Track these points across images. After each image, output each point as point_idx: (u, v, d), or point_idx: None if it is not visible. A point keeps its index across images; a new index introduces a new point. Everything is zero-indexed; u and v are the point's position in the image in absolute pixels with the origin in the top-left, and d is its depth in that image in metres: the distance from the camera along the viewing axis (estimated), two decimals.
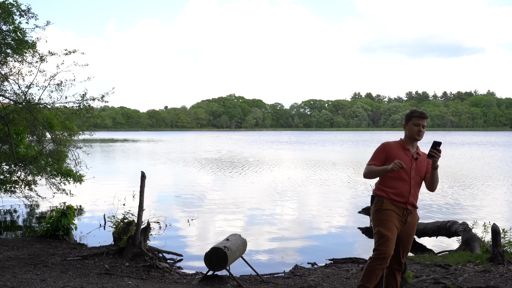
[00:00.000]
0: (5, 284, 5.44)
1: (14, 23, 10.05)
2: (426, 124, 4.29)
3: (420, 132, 4.27)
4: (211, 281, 6.14)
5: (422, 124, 4.27)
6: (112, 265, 6.64)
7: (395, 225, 4.24)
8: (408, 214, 4.29)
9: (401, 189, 4.26)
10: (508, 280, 5.81)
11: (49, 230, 8.66)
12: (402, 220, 4.27)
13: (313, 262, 7.83)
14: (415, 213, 4.37)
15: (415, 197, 4.33)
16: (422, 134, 4.29)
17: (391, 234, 4.18)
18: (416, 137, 4.30)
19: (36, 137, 11.23)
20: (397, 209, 4.27)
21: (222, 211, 12.73)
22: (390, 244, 4.16)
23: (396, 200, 4.27)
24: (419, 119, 4.26)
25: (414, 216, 4.35)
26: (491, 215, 11.68)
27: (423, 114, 4.27)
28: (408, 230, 4.32)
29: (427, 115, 4.29)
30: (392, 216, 4.24)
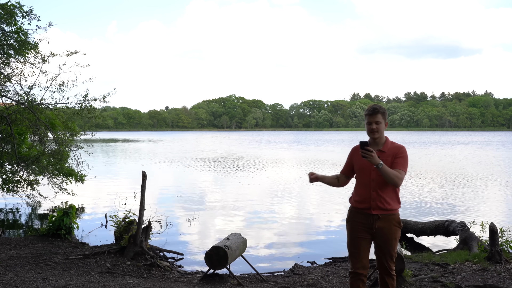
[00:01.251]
0: (7, 282, 5.44)
1: (17, 24, 10.05)
2: (380, 119, 3.94)
3: (373, 130, 3.95)
4: (211, 279, 6.14)
5: (374, 120, 3.94)
6: (114, 264, 6.64)
7: (362, 236, 4.00)
8: (375, 220, 3.94)
9: (363, 195, 4.00)
10: (506, 279, 5.81)
11: (51, 229, 8.66)
12: (369, 228, 3.97)
13: (313, 261, 7.83)
14: (388, 217, 3.95)
15: (381, 200, 3.92)
16: (377, 131, 3.95)
17: (355, 248, 4.04)
18: (371, 136, 4.00)
19: (38, 137, 11.22)
20: (362, 217, 4.00)
21: (223, 210, 12.73)
22: (356, 259, 4.03)
23: (360, 208, 4.03)
24: (369, 117, 3.96)
25: (387, 220, 3.95)
26: (489, 215, 11.68)
27: (373, 110, 3.96)
28: (383, 236, 3.95)
29: (378, 110, 3.95)
30: (356, 228, 4.05)
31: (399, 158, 3.93)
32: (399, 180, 3.86)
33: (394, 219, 3.98)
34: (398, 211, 4.03)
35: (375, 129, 3.96)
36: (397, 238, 4.02)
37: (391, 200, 3.96)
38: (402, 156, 3.94)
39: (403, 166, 3.91)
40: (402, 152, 3.95)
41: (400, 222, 4.04)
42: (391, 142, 4.05)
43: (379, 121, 3.96)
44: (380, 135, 3.99)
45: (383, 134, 4.01)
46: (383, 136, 4.02)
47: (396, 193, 4.01)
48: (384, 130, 4.03)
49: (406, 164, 3.93)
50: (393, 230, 3.97)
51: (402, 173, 3.89)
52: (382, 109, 4.00)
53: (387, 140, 4.04)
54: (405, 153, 3.96)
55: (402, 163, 3.92)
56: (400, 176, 3.87)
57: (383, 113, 3.99)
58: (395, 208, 3.98)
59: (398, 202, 4.03)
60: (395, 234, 3.98)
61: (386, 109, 4.10)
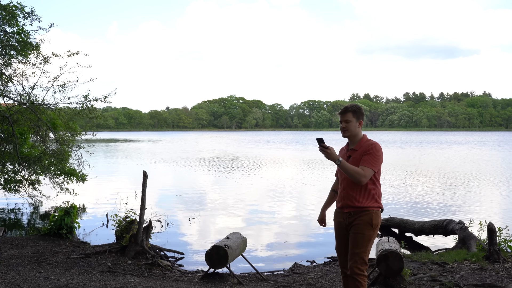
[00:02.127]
0: (9, 281, 5.44)
1: (18, 25, 10.04)
2: (351, 118, 3.95)
3: (342, 128, 3.99)
4: (212, 278, 6.14)
5: (344, 119, 3.97)
6: (115, 263, 6.64)
7: (341, 235, 4.04)
8: (346, 218, 3.95)
9: (339, 194, 4.07)
10: (504, 278, 5.81)
11: (53, 228, 8.66)
12: (345, 226, 3.98)
13: (312, 260, 7.83)
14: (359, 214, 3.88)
15: (350, 198, 3.91)
16: (346, 130, 3.97)
17: (337, 247, 4.09)
18: (342, 134, 4.03)
19: (39, 137, 11.22)
20: (340, 216, 4.03)
21: (223, 210, 12.74)
22: (340, 258, 4.09)
23: (337, 207, 4.09)
24: (340, 116, 4.01)
25: (357, 218, 3.88)
26: (487, 214, 11.68)
27: (344, 109, 4.01)
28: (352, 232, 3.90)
29: (348, 109, 3.98)
30: (336, 227, 4.09)
31: (367, 155, 3.89)
32: (361, 176, 3.80)
33: (366, 216, 3.86)
34: (373, 210, 3.89)
35: (344, 127, 4.00)
36: (366, 235, 3.85)
37: (362, 198, 3.89)
38: (370, 153, 3.89)
39: (368, 163, 3.85)
40: (371, 149, 3.90)
41: (374, 222, 3.87)
42: (366, 140, 4.01)
43: (349, 120, 3.97)
44: (350, 134, 4.00)
45: (354, 133, 4.00)
46: (355, 135, 4.01)
47: (369, 191, 3.90)
48: (358, 128, 4.00)
49: (373, 161, 3.86)
50: (360, 225, 3.86)
51: (366, 170, 3.82)
52: (354, 108, 4.00)
53: (362, 139, 4.02)
54: (374, 150, 3.90)
55: (368, 160, 3.86)
56: (362, 173, 3.80)
57: (354, 111, 3.98)
58: (366, 206, 3.87)
59: (374, 201, 3.91)
60: (363, 231, 3.85)
61: (361, 108, 4.05)
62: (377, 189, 3.95)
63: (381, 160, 3.93)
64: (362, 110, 4.06)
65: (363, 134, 4.07)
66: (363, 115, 4.06)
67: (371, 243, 3.93)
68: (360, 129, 4.04)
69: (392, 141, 61.74)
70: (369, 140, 4.02)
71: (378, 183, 3.99)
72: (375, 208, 3.91)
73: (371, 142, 3.99)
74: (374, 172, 3.88)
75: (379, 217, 3.94)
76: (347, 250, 3.98)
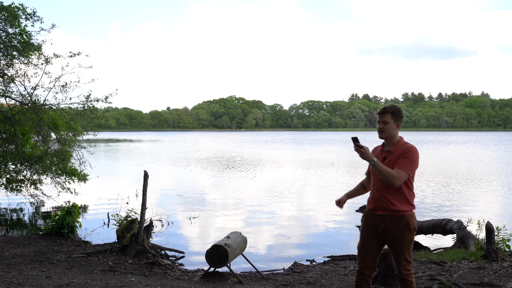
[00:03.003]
0: (11, 280, 5.44)
1: (20, 26, 10.05)
2: (389, 119, 3.90)
3: (379, 129, 3.97)
4: (212, 277, 6.14)
5: (382, 120, 3.93)
6: (116, 262, 6.64)
7: (369, 236, 3.94)
8: (380, 221, 3.85)
9: (371, 195, 3.97)
10: (502, 277, 5.81)
11: (54, 228, 8.66)
12: (376, 228, 3.89)
13: (312, 259, 7.82)
14: (396, 219, 3.82)
15: (385, 201, 3.83)
16: (383, 131, 3.94)
17: (362, 247, 3.99)
18: (379, 135, 3.99)
19: (41, 137, 11.22)
20: (371, 218, 3.94)
21: (223, 209, 12.73)
22: (361, 258, 4.00)
23: (369, 208, 3.99)
24: (379, 116, 3.97)
25: (394, 222, 3.81)
26: (485, 213, 11.68)
27: (383, 110, 3.95)
28: (390, 239, 3.84)
29: (387, 110, 3.93)
30: (364, 227, 4.00)
31: (403, 157, 3.83)
32: (395, 179, 3.74)
33: (403, 221, 3.81)
34: (408, 213, 3.84)
35: (381, 128, 3.95)
36: (407, 240, 3.82)
37: (397, 201, 3.82)
38: (407, 156, 3.82)
39: (403, 166, 3.79)
40: (407, 152, 3.84)
41: (412, 225, 3.82)
42: (404, 143, 3.95)
43: (386, 121, 3.92)
44: (387, 135, 3.94)
45: (391, 135, 3.94)
46: (392, 136, 3.96)
47: (404, 194, 3.84)
48: (396, 130, 3.95)
49: (409, 165, 3.80)
50: (399, 232, 3.81)
51: (401, 173, 3.76)
52: (393, 109, 3.93)
53: (399, 141, 3.97)
54: (410, 154, 3.83)
55: (404, 163, 3.80)
56: (396, 176, 3.74)
57: (393, 113, 3.92)
58: (402, 210, 3.82)
59: (409, 204, 3.85)
60: (403, 236, 3.81)
61: (400, 110, 3.98)
62: (410, 192, 3.89)
63: (417, 164, 3.87)
64: (401, 112, 4.01)
65: (400, 137, 4.01)
66: (402, 117, 4.00)
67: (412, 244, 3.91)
68: (397, 131, 3.99)
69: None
70: (406, 143, 3.97)
71: (412, 186, 3.93)
72: (410, 211, 3.86)
73: (408, 145, 3.93)
74: (409, 175, 3.82)
75: (415, 219, 3.90)
76: (371, 251, 3.95)
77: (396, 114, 3.93)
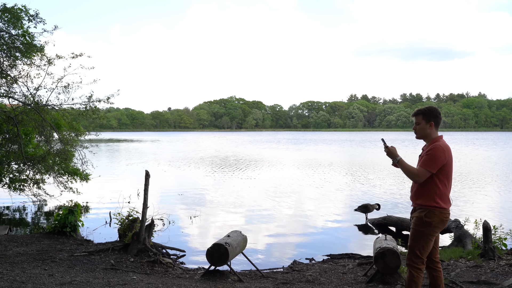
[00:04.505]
0: (14, 278, 5.44)
1: (23, 27, 10.05)
2: (420, 120, 4.13)
3: (414, 129, 4.23)
4: (212, 276, 6.14)
5: (415, 121, 4.19)
6: (118, 261, 6.64)
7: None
8: (411, 210, 4.19)
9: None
10: (499, 275, 5.81)
11: (57, 227, 8.66)
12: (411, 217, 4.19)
13: (311, 258, 7.82)
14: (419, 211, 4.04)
15: (414, 194, 4.10)
16: (416, 132, 4.18)
17: None
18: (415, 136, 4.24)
19: (44, 137, 11.22)
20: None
21: (223, 208, 12.74)
22: None
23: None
24: (413, 118, 4.22)
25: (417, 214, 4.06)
26: (483, 212, 11.68)
27: (415, 112, 4.21)
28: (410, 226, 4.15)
29: (418, 112, 4.17)
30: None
31: (426, 155, 4.03)
32: (414, 176, 3.99)
33: (423, 214, 3.98)
34: (428, 208, 3.96)
35: (414, 129, 4.22)
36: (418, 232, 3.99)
37: (420, 195, 4.03)
38: (429, 153, 4.00)
39: (424, 163, 3.98)
40: (430, 150, 4.02)
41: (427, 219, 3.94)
42: (435, 140, 4.08)
43: (418, 122, 4.14)
44: (420, 135, 4.17)
45: (424, 134, 4.14)
46: (425, 136, 4.14)
47: (428, 189, 3.98)
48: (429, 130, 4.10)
49: (429, 162, 3.96)
50: (414, 222, 4.04)
51: (420, 170, 3.98)
52: (423, 110, 4.14)
53: (433, 140, 4.10)
54: (432, 151, 3.98)
55: (425, 161, 4.00)
56: (415, 173, 3.98)
57: (424, 114, 4.12)
58: (423, 204, 4.00)
59: (432, 200, 3.96)
60: (416, 226, 4.02)
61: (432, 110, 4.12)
62: (437, 189, 3.98)
63: (439, 161, 3.95)
64: (434, 112, 4.12)
65: (437, 135, 4.13)
66: (436, 117, 4.11)
67: (426, 239, 3.99)
68: (432, 130, 4.11)
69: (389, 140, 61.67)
70: (436, 141, 4.07)
71: (442, 183, 3.99)
72: (431, 207, 3.96)
73: (434, 143, 4.06)
74: (430, 172, 3.95)
75: (435, 216, 3.96)
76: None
77: (427, 115, 4.13)
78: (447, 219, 4.02)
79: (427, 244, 4.00)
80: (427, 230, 3.97)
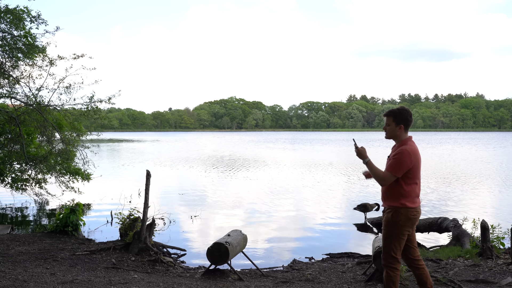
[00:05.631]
0: (16, 277, 5.44)
1: (25, 28, 10.05)
2: (390, 122, 4.10)
3: (384, 130, 4.23)
4: (213, 274, 6.14)
5: (386, 122, 4.18)
6: (119, 260, 6.64)
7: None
8: (383, 211, 4.21)
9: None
10: (497, 274, 5.81)
11: (59, 226, 8.66)
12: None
13: (311, 257, 7.82)
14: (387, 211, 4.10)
15: (384, 195, 4.13)
16: (386, 132, 4.20)
17: None
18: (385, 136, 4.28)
19: (46, 137, 11.23)
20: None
21: (224, 208, 12.73)
22: None
23: None
24: (385, 118, 4.20)
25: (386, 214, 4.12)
26: (481, 212, 11.68)
27: (386, 112, 4.19)
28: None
29: (388, 113, 4.15)
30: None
31: (392, 159, 4.03)
32: (380, 180, 4.01)
33: (390, 214, 4.05)
34: (395, 208, 4.02)
35: (385, 129, 4.22)
36: (388, 232, 4.04)
37: (388, 196, 4.08)
38: (395, 158, 4.00)
39: (390, 167, 3.99)
40: (396, 153, 4.01)
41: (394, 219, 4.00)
42: (401, 144, 4.08)
43: (388, 123, 4.14)
44: (389, 136, 4.18)
45: (393, 136, 4.14)
46: (395, 137, 4.14)
47: (394, 191, 4.02)
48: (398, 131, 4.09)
49: (395, 166, 3.95)
50: (385, 223, 4.09)
51: (386, 173, 3.98)
52: (394, 113, 4.12)
53: (401, 142, 4.10)
54: (398, 156, 3.97)
55: (391, 164, 4.00)
56: (381, 176, 3.99)
57: (395, 116, 4.09)
58: (391, 205, 4.05)
59: (397, 201, 4.00)
60: (385, 227, 4.08)
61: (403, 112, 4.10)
62: (402, 190, 4.00)
63: (405, 165, 3.96)
64: (405, 114, 4.09)
65: (406, 137, 4.13)
66: (406, 119, 4.09)
67: (397, 239, 4.03)
68: (401, 132, 4.10)
69: (389, 140, 61.72)
70: (404, 144, 4.07)
71: (407, 184, 4.00)
72: (397, 207, 4.02)
73: (402, 147, 4.05)
74: (395, 177, 3.97)
75: (401, 215, 4.01)
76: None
77: (397, 117, 4.08)
78: (415, 217, 4.05)
79: (399, 243, 4.04)
80: (396, 230, 4.01)
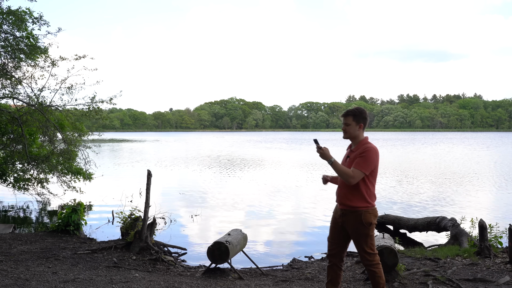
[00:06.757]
0: (18, 276, 5.44)
1: (27, 29, 10.05)
2: (350, 121, 4.02)
3: (343, 130, 4.11)
4: (213, 273, 6.14)
5: (344, 122, 4.07)
6: (120, 259, 6.63)
7: (334, 227, 4.19)
8: (340, 215, 4.06)
9: (336, 191, 4.16)
10: (495, 273, 5.81)
11: (60, 225, 8.66)
12: (338, 220, 4.11)
13: (310, 256, 7.82)
14: (352, 214, 3.95)
15: (344, 197, 4.00)
16: (346, 132, 4.08)
17: (329, 236, 4.26)
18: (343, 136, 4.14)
19: (48, 137, 11.22)
20: (336, 211, 4.18)
21: (224, 207, 12.73)
22: (329, 245, 4.26)
23: (336, 201, 4.18)
24: (342, 118, 4.11)
25: (351, 218, 3.95)
26: (479, 211, 11.68)
27: (345, 112, 4.09)
28: (349, 232, 4.03)
29: (348, 112, 4.05)
30: (332, 218, 4.26)
31: (360, 157, 3.93)
32: (349, 177, 3.86)
33: (358, 216, 3.92)
34: (362, 210, 3.92)
35: (344, 129, 4.10)
36: (363, 234, 3.95)
37: (353, 197, 3.94)
38: (363, 156, 3.91)
39: (359, 165, 3.89)
40: (364, 152, 3.93)
41: (365, 220, 3.91)
42: (365, 143, 4.03)
43: (348, 123, 4.04)
44: (349, 136, 4.08)
45: (353, 135, 4.05)
46: (355, 137, 4.06)
47: (360, 191, 3.92)
48: (358, 131, 4.04)
49: (364, 164, 3.88)
50: (355, 227, 3.96)
51: (356, 172, 3.87)
52: (354, 112, 4.04)
53: (362, 141, 4.05)
54: (366, 153, 3.91)
55: (359, 162, 3.90)
56: (351, 174, 3.86)
57: (354, 115, 4.03)
58: (357, 206, 3.92)
59: (364, 201, 3.93)
60: (358, 231, 3.95)
61: (362, 112, 4.05)
62: (368, 190, 3.94)
63: (373, 163, 3.92)
64: (364, 114, 4.06)
65: (365, 136, 4.08)
66: (365, 118, 4.06)
67: (371, 237, 4.00)
68: (360, 132, 4.05)
69: (388, 139, 61.82)
70: (367, 143, 4.03)
71: (371, 184, 3.97)
72: (364, 207, 3.93)
73: (367, 145, 4.00)
74: (364, 174, 3.90)
75: (371, 215, 3.95)
76: (338, 241, 4.18)
77: (357, 116, 4.03)
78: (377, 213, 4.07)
79: (373, 240, 4.02)
80: (370, 230, 3.97)
